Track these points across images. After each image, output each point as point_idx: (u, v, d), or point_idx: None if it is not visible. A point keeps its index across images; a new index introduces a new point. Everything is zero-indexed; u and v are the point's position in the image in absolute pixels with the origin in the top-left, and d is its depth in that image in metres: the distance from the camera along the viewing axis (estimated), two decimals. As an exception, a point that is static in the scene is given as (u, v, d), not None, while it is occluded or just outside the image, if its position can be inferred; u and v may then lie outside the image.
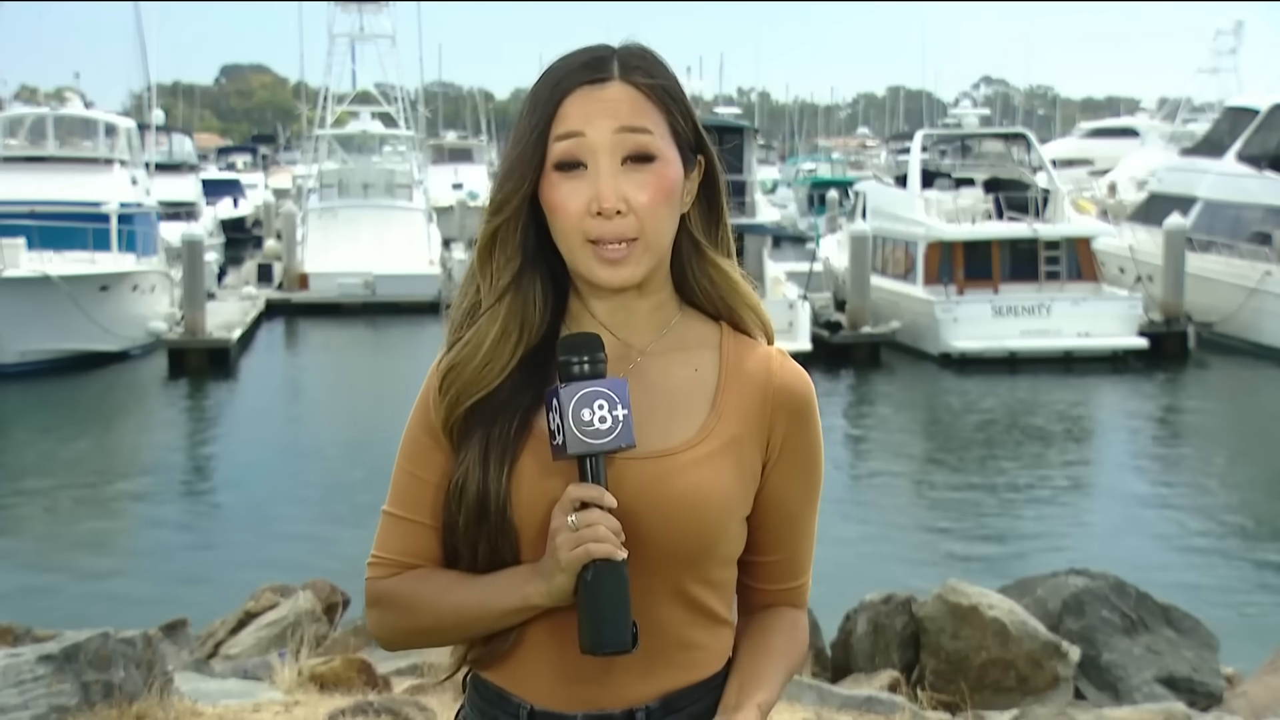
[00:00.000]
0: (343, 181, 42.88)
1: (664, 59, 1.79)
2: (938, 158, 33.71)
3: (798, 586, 1.83)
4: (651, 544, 1.65)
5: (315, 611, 7.74)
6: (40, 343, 25.85)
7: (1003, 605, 6.37)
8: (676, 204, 1.71)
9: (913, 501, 17.41)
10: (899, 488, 18.21)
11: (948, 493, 17.72)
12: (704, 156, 1.76)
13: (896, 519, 16.47)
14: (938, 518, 16.50)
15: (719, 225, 1.82)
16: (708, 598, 1.72)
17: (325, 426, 22.75)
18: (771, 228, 32.24)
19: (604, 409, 1.60)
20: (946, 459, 19.82)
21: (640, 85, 1.71)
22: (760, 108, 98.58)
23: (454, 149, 74.75)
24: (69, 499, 17.46)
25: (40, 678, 4.64)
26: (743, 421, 1.72)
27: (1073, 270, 28.90)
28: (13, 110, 33.40)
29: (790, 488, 1.77)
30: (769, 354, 1.78)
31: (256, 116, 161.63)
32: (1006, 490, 17.72)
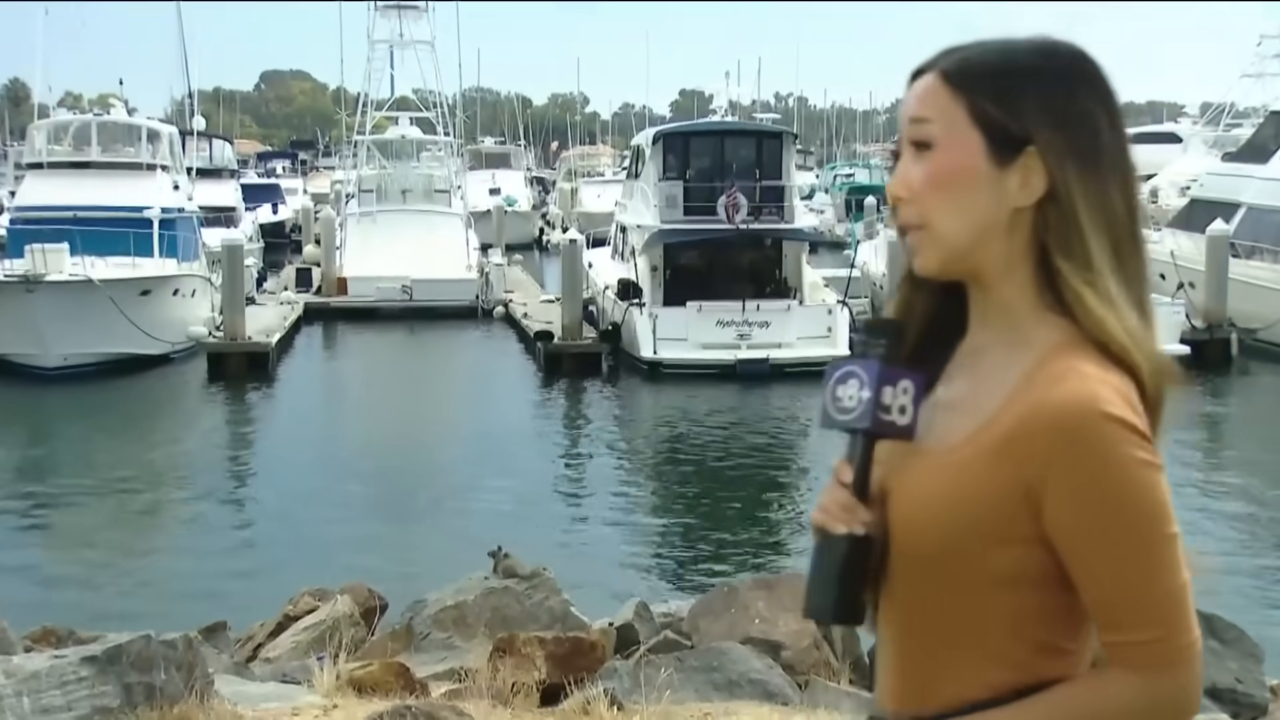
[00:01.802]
0: (381, 187, 43.10)
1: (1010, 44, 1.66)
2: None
3: (1120, 643, 1.54)
4: (889, 535, 1.64)
5: (353, 616, 7.76)
6: (83, 346, 26.11)
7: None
8: (962, 191, 1.62)
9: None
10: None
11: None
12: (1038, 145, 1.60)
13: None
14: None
15: (1072, 230, 1.61)
16: (966, 616, 1.60)
17: (363, 431, 22.85)
18: (809, 234, 32.21)
19: (853, 388, 1.63)
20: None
21: (942, 70, 1.65)
22: (798, 113, 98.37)
23: (491, 154, 74.93)
24: (110, 501, 17.61)
25: (83, 679, 4.68)
26: (1010, 439, 1.56)
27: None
28: (57, 117, 33.76)
29: (1064, 520, 1.54)
30: (1062, 372, 1.56)
31: (296, 122, 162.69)
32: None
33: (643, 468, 20.01)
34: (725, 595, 7.12)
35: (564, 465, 20.39)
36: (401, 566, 13.27)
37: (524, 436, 22.19)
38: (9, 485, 18.31)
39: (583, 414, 24.52)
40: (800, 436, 22.60)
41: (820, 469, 19.89)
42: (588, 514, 17.14)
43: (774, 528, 16.78)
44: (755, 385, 25.77)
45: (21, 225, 28.54)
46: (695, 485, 18.61)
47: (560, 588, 7.29)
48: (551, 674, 5.97)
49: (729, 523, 16.54)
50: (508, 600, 7.17)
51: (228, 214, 43.10)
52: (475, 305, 36.89)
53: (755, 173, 29.43)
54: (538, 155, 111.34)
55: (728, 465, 19.76)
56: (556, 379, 27.00)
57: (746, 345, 27.00)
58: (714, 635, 6.68)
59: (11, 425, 23.10)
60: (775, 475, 19.72)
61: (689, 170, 30.04)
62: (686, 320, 27.20)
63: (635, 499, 18.09)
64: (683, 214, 29.06)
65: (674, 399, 24.90)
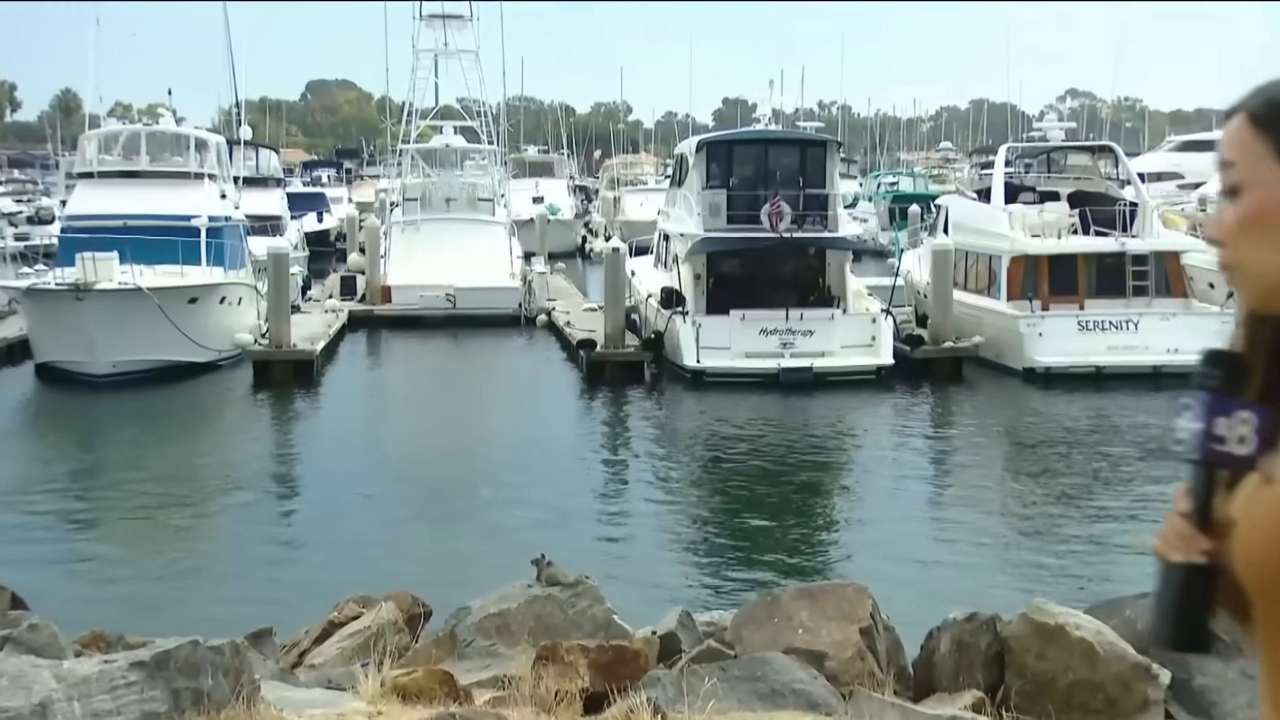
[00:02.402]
0: (426, 195, 43.31)
1: None
2: (1022, 171, 33.34)
3: None
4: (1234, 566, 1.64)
5: (398, 623, 7.80)
6: (132, 354, 26.40)
7: (1090, 626, 6.27)
8: (1271, 230, 1.62)
9: (996, 519, 17.18)
10: (982, 505, 17.99)
11: (1032, 511, 17.47)
12: None
13: (980, 537, 16.26)
14: (1022, 536, 16.28)
15: None
16: None
17: (407, 438, 22.95)
18: (853, 242, 32.14)
19: (1187, 420, 1.65)
20: (1031, 476, 19.54)
21: (1248, 112, 1.66)
22: (842, 121, 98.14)
23: (535, 163, 75.18)
24: (158, 507, 17.78)
25: (132, 684, 4.73)
26: None
27: (1161, 285, 28.43)
28: (108, 127, 34.16)
29: None
30: None
31: (341, 131, 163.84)
32: (1093, 509, 17.44)
33: (685, 477, 19.99)
34: (768, 604, 7.10)
35: (606, 474, 20.41)
36: (445, 574, 13.32)
37: (566, 445, 22.22)
38: (59, 491, 18.52)
39: (625, 423, 24.53)
40: (843, 446, 22.52)
41: (863, 476, 19.82)
42: (630, 523, 17.14)
43: (817, 537, 16.72)
44: (798, 394, 25.70)
45: (72, 234, 28.87)
46: (738, 494, 18.57)
47: (603, 596, 7.29)
48: (594, 682, 5.97)
49: (771, 532, 16.50)
50: (551, 608, 7.19)
51: (273, 223, 43.41)
52: (518, 314, 36.99)
53: (799, 181, 29.38)
54: (581, 164, 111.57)
55: (770, 474, 19.70)
56: (599, 387, 27.03)
57: (790, 354, 26.93)
58: (757, 645, 6.66)
59: (61, 432, 23.38)
60: (818, 485, 19.65)
61: (732, 178, 30.02)
62: (729, 329, 27.17)
63: (678, 508, 18.07)
64: (726, 222, 29.03)
65: (717, 408, 24.87)
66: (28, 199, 69.32)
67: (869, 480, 19.63)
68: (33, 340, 27.95)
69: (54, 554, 15.50)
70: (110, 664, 4.84)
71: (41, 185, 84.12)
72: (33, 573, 13.07)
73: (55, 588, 12.97)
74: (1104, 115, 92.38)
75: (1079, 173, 32.76)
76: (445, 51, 46.49)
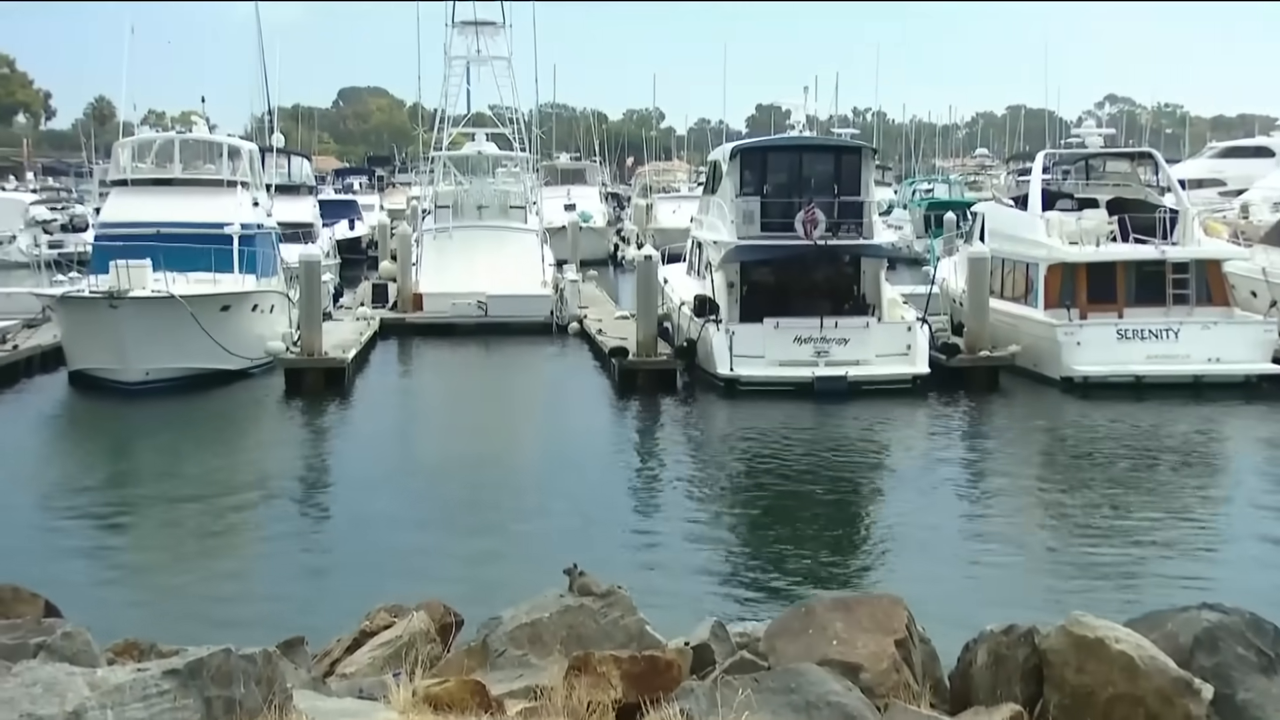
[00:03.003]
0: (457, 203, 43.52)
1: None
2: (1060, 178, 33.17)
3: None
4: None
5: (429, 632, 7.81)
6: (164, 361, 26.62)
7: (1130, 639, 6.20)
8: None
9: (1033, 531, 17.07)
10: (1019, 516, 17.88)
11: (1070, 522, 17.35)
12: None
13: (1017, 548, 16.16)
14: (1060, 548, 16.17)
15: None
16: None
17: (439, 446, 23.02)
18: (888, 250, 32.02)
19: None
20: (1069, 487, 19.41)
21: None
22: (877, 128, 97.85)
23: (567, 170, 75.41)
24: (190, 516, 17.90)
25: (165, 693, 4.76)
26: None
27: (1202, 294, 28.23)
28: (141, 134, 34.45)
29: None
30: None
31: (373, 139, 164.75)
32: (1132, 521, 17.30)
33: (718, 486, 19.96)
34: (802, 615, 7.06)
35: (639, 483, 20.40)
36: (477, 583, 13.35)
37: (598, 454, 22.23)
38: (91, 498, 18.67)
39: (657, 432, 24.52)
40: (878, 456, 22.43)
41: (898, 486, 19.73)
42: (663, 532, 17.12)
43: (852, 547, 16.65)
44: (833, 403, 25.64)
45: (106, 242, 29.15)
46: (771, 504, 18.53)
47: (636, 606, 7.28)
48: (627, 693, 5.96)
49: (806, 542, 16.45)
50: (583, 618, 7.18)
51: (305, 230, 43.66)
52: (550, 321, 37.09)
53: (833, 188, 29.33)
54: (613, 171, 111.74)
55: (804, 484, 19.65)
56: (631, 396, 27.04)
57: (824, 362, 26.88)
58: (791, 656, 6.63)
59: (94, 439, 23.59)
60: (852, 495, 19.58)
61: (766, 185, 30.00)
62: (763, 337, 27.14)
63: (711, 517, 18.04)
64: (760, 230, 29.02)
65: (750, 417, 24.82)
66: (62, 207, 69.99)
67: (904, 490, 19.54)
68: (66, 348, 28.22)
69: (87, 562, 15.63)
70: (143, 672, 4.86)
71: (75, 193, 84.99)
72: (66, 580, 13.19)
73: (88, 595, 13.08)
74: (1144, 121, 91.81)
75: (1118, 179, 32.57)
76: (478, 58, 46.69)
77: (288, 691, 5.44)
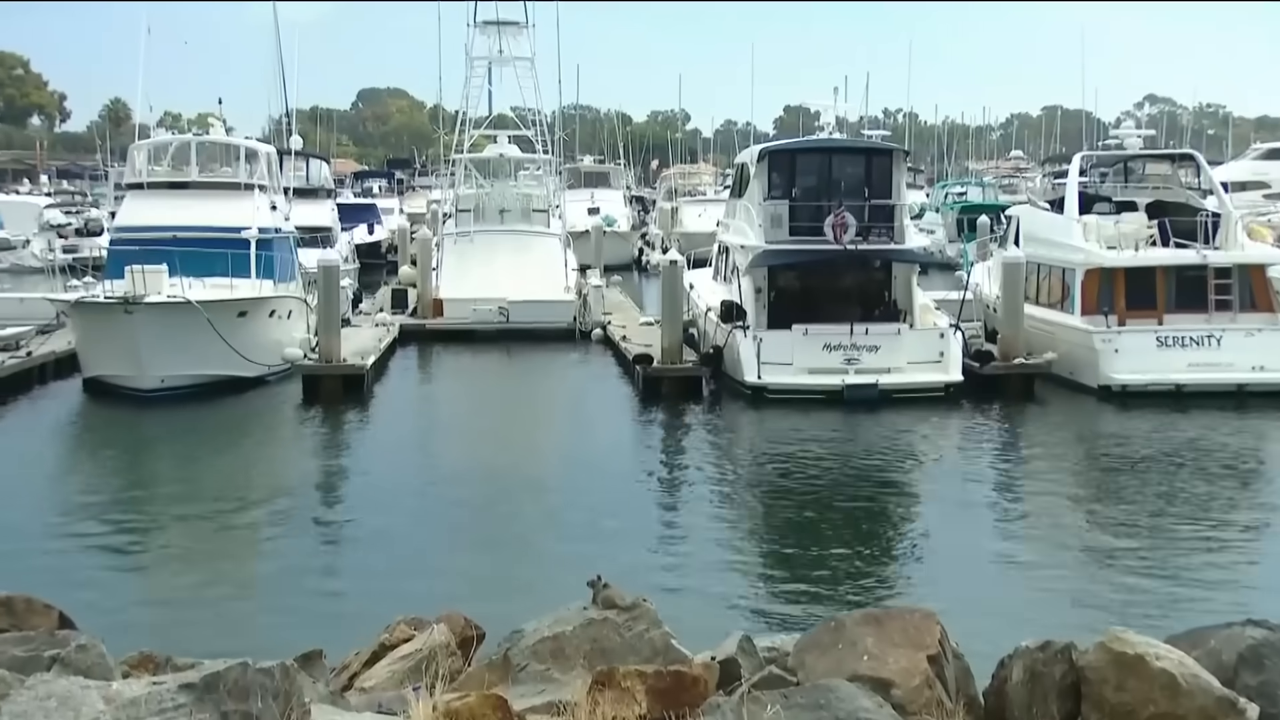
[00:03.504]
0: (479, 207, 43.62)
1: None
2: (1097, 181, 33.05)
3: None
4: None
5: (450, 645, 7.81)
6: (180, 368, 26.75)
7: (1172, 656, 6.16)
8: None
9: (1070, 544, 16.98)
10: (1055, 529, 17.79)
11: (1107, 535, 17.25)
12: None
13: (1053, 562, 16.08)
14: (1097, 562, 16.08)
15: None
16: None
17: (459, 455, 23.07)
18: (920, 254, 31.94)
19: None
20: (1107, 499, 19.31)
21: None
22: (908, 129, 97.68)
23: (590, 173, 75.54)
24: (206, 525, 17.98)
25: (181, 706, 4.77)
26: None
27: (1245, 300, 28.06)
28: (157, 137, 34.64)
29: None
30: None
31: (393, 141, 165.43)
32: (1173, 534, 17.20)
33: (745, 496, 19.93)
34: (832, 630, 7.04)
35: (664, 492, 20.40)
36: (498, 595, 13.36)
37: (622, 463, 22.24)
38: (106, 507, 18.77)
39: (683, 440, 24.51)
40: (910, 466, 22.36)
41: (930, 499, 19.66)
42: (689, 544, 17.10)
43: (882, 560, 16.60)
44: (863, 412, 25.58)
45: (121, 246, 29.31)
46: (800, 515, 18.49)
47: (661, 619, 7.27)
48: (652, 709, 5.96)
49: (835, 555, 16.41)
50: (607, 632, 7.17)
51: (324, 234, 43.92)
52: (573, 327, 37.14)
53: (864, 191, 29.29)
54: (637, 174, 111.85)
55: (834, 495, 19.61)
56: (656, 403, 27.04)
57: (854, 370, 26.84)
58: (820, 671, 6.61)
59: (108, 447, 23.70)
60: (883, 506, 19.52)
61: (795, 189, 29.98)
62: (792, 344, 27.11)
63: (738, 528, 18.02)
64: (788, 234, 29.00)
65: (778, 425, 24.80)
66: (76, 210, 70.51)
67: (937, 502, 19.48)
68: (81, 354, 28.39)
69: (102, 573, 15.71)
70: (159, 686, 4.88)
71: (90, 196, 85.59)
72: (80, 591, 13.25)
73: (103, 607, 13.13)
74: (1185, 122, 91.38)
75: (1158, 182, 32.42)
76: (500, 59, 46.78)
77: (306, 706, 5.45)
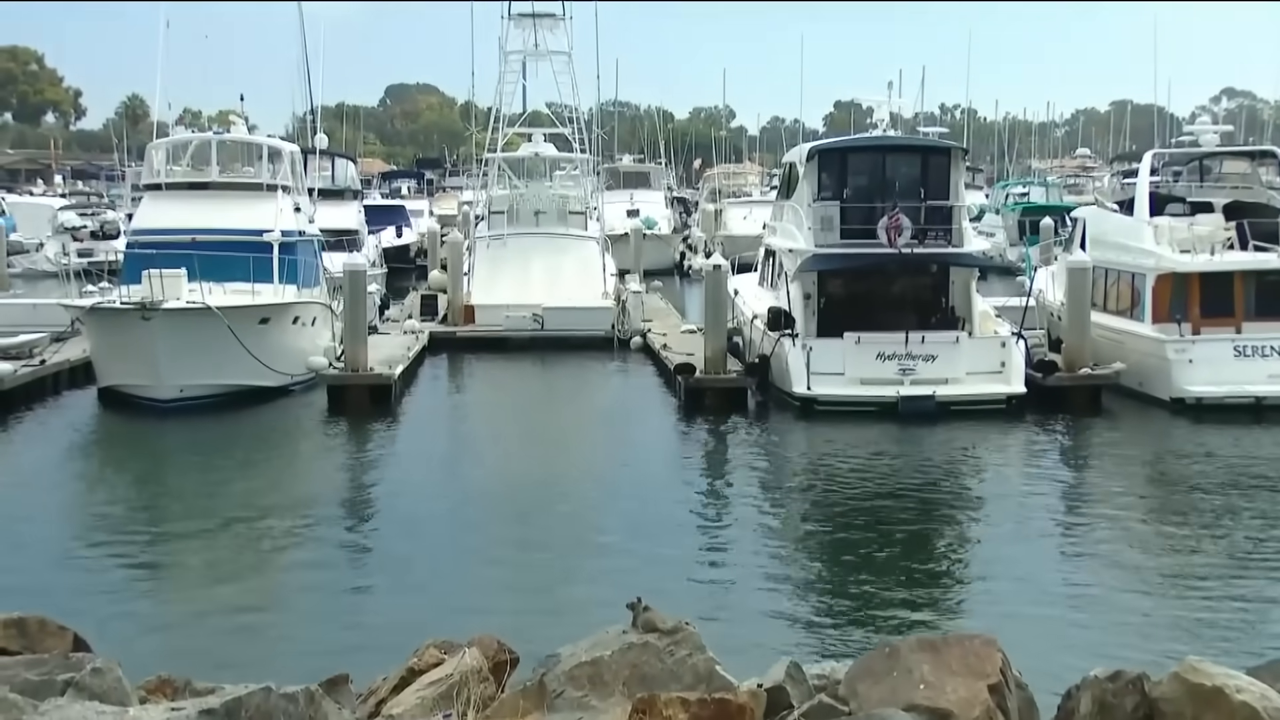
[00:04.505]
0: (513, 208, 43.76)
1: None
2: (1170, 180, 32.84)
3: None
4: None
5: (482, 670, 7.81)
6: (199, 377, 26.93)
7: (1254, 689, 6.10)
8: None
9: (1141, 567, 16.84)
10: (1125, 550, 17.65)
11: (1181, 558, 17.11)
12: None
13: (1123, 586, 15.96)
14: (1170, 586, 15.94)
15: None
16: None
17: (492, 470, 23.12)
18: (979, 259, 31.85)
19: None
20: (1180, 519, 19.15)
21: None
22: (967, 126, 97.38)
23: (630, 173, 75.74)
24: (226, 543, 18.09)
25: (201, 732, 4.81)
26: None
27: (1330, 307, 27.80)
28: (176, 135, 34.91)
29: None
30: None
31: (422, 139, 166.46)
32: (1252, 557, 17.03)
33: (794, 515, 19.89)
34: (886, 657, 7.01)
35: (707, 510, 20.37)
36: (533, 618, 13.38)
37: (663, 478, 22.24)
38: (122, 524, 18.92)
39: (727, 455, 24.49)
40: (969, 483, 22.26)
41: (991, 516, 19.56)
42: (734, 564, 17.08)
43: (939, 583, 16.52)
44: (919, 425, 25.49)
45: (138, 250, 29.48)
46: (852, 534, 18.43)
47: (705, 644, 7.26)
48: (696, 739, 5.95)
49: (889, 577, 16.34)
50: (648, 657, 7.17)
51: (350, 237, 44.18)
52: (611, 336, 37.19)
53: (920, 192, 29.21)
54: (679, 174, 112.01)
55: (887, 513, 19.53)
56: (698, 416, 27.03)
57: (910, 381, 26.75)
58: (874, 701, 6.59)
59: (125, 461, 23.91)
60: (941, 525, 19.43)
61: (846, 189, 29.93)
62: (843, 353, 27.05)
63: (785, 549, 17.98)
64: (839, 237, 28.96)
65: (829, 439, 24.73)
66: (92, 212, 71.27)
67: (998, 521, 19.37)
68: (96, 362, 28.64)
69: (118, 593, 15.83)
70: (177, 711, 4.92)
71: (106, 198, 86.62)
72: (96, 613, 13.37)
73: (119, 629, 13.25)
74: (1265, 116, 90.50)
75: (1236, 181, 32.16)
76: (535, 53, 46.85)
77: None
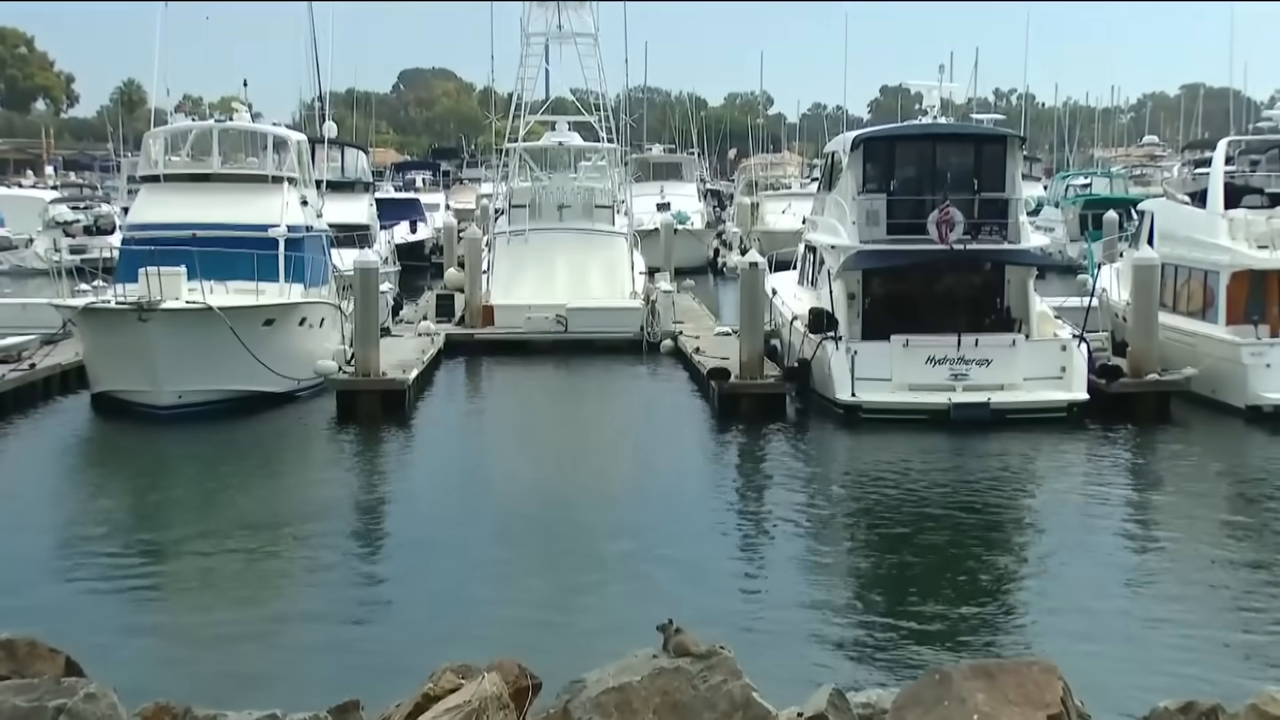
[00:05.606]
0: (535, 202, 43.81)
1: None
2: (1247, 170, 32.67)
3: None
4: None
5: (502, 697, 7.83)
6: (200, 383, 27.02)
7: (1335, 720, 6.09)
8: None
9: (1214, 589, 16.76)
10: (1196, 571, 17.56)
11: (1257, 580, 17.01)
12: None
13: (1194, 610, 15.88)
14: (1246, 610, 15.85)
15: None
16: None
17: (512, 482, 23.16)
18: (1037, 255, 31.71)
19: None
20: (1255, 539, 19.04)
21: None
22: (1024, 113, 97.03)
23: (660, 164, 75.82)
24: (229, 559, 18.16)
25: (202, 761, 4.83)
26: None
27: None
28: (175, 123, 35.05)
29: None
30: None
31: (438, 128, 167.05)
32: (1332, 577, 16.94)
33: (836, 530, 19.87)
34: (936, 684, 7.00)
35: (743, 525, 20.36)
36: (556, 640, 13.40)
37: (695, 491, 22.23)
38: (117, 539, 19.01)
39: (764, 465, 24.47)
40: (1026, 496, 22.20)
41: (1050, 533, 19.49)
42: (772, 583, 17.06)
43: (993, 604, 16.46)
44: (972, 434, 25.42)
45: (135, 246, 29.59)
46: (899, 552, 18.39)
47: (741, 669, 7.26)
48: (732, 772, 5.95)
49: (939, 597, 16.30)
50: (680, 683, 7.17)
51: (361, 233, 44.29)
52: (640, 338, 37.22)
53: (973, 184, 29.16)
54: (713, 165, 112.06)
55: (938, 529, 19.49)
56: (733, 424, 27.03)
57: (962, 387, 26.70)
58: (924, 732, 6.58)
59: (121, 472, 24.03)
60: (996, 542, 19.38)
61: (894, 181, 29.89)
62: (890, 357, 27.00)
63: (827, 566, 17.96)
64: (886, 233, 28.92)
65: (874, 449, 24.70)
66: (85, 206, 71.70)
67: (1057, 538, 19.29)
68: (89, 366, 28.78)
69: (113, 613, 15.91)
70: (178, 738, 4.94)
71: (101, 190, 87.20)
72: (90, 634, 13.43)
73: (114, 651, 13.31)
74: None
75: (1319, 172, 32.00)
76: (559, 35, 46.85)
77: (341, 763, 5.49)
